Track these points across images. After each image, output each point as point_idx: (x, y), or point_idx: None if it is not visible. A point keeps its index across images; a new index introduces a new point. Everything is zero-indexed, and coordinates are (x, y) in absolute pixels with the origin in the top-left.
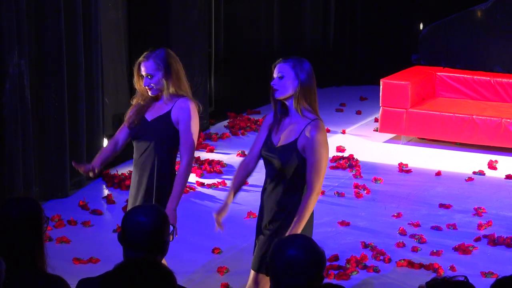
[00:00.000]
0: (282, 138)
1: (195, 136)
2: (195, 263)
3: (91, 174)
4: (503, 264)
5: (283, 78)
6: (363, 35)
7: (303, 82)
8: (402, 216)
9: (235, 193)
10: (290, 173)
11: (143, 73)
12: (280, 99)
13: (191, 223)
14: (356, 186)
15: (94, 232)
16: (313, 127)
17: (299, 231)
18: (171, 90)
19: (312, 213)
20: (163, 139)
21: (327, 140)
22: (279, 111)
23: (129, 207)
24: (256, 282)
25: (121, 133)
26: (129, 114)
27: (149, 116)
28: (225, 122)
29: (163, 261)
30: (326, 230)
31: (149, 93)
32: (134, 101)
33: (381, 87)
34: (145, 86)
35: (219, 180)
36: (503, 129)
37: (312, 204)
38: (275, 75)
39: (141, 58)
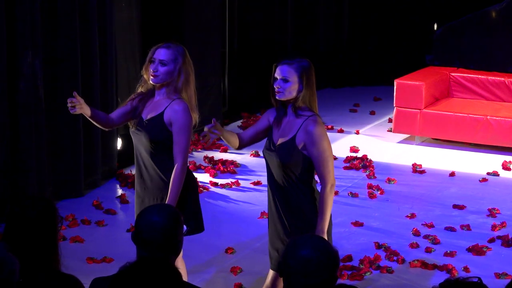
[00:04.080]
0: (281, 137)
1: (188, 138)
2: (208, 263)
3: (70, 104)
4: None
5: (288, 82)
6: (377, 35)
7: (306, 86)
8: (415, 216)
9: (227, 136)
10: (292, 170)
11: (157, 57)
12: (281, 100)
13: (205, 223)
14: (370, 187)
15: (108, 232)
16: (311, 122)
17: (325, 229)
18: (175, 88)
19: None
20: (158, 141)
21: (326, 133)
22: (279, 110)
23: (136, 207)
24: (274, 284)
25: (116, 113)
26: (133, 99)
27: (145, 114)
28: (239, 122)
29: (182, 261)
30: (340, 230)
31: (151, 79)
32: (139, 90)
33: (395, 87)
34: (152, 69)
35: (233, 180)
36: None
37: (330, 197)
38: (278, 76)
39: (160, 44)
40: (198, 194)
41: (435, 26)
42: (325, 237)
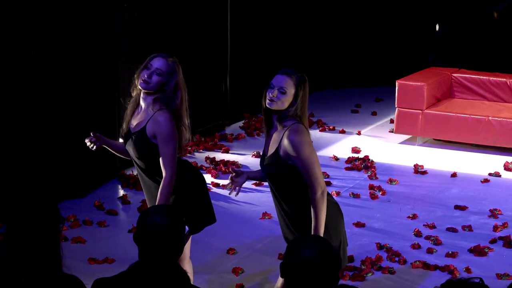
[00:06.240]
0: (269, 149)
1: (174, 148)
2: (209, 264)
3: (89, 143)
4: None
5: (285, 94)
6: (379, 36)
7: (300, 100)
8: (417, 217)
9: (253, 176)
10: (281, 181)
11: (153, 65)
12: (270, 109)
13: None
14: (372, 187)
15: (110, 232)
16: (290, 132)
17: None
18: (165, 101)
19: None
20: (145, 154)
21: (308, 140)
22: (266, 121)
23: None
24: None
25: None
26: (128, 113)
27: (132, 126)
28: (241, 123)
29: (189, 262)
30: None
31: (140, 84)
32: (133, 93)
33: (396, 88)
34: (145, 75)
35: None
36: None
37: (321, 203)
38: (275, 84)
39: (160, 54)
40: (207, 189)
41: (437, 27)
42: None
